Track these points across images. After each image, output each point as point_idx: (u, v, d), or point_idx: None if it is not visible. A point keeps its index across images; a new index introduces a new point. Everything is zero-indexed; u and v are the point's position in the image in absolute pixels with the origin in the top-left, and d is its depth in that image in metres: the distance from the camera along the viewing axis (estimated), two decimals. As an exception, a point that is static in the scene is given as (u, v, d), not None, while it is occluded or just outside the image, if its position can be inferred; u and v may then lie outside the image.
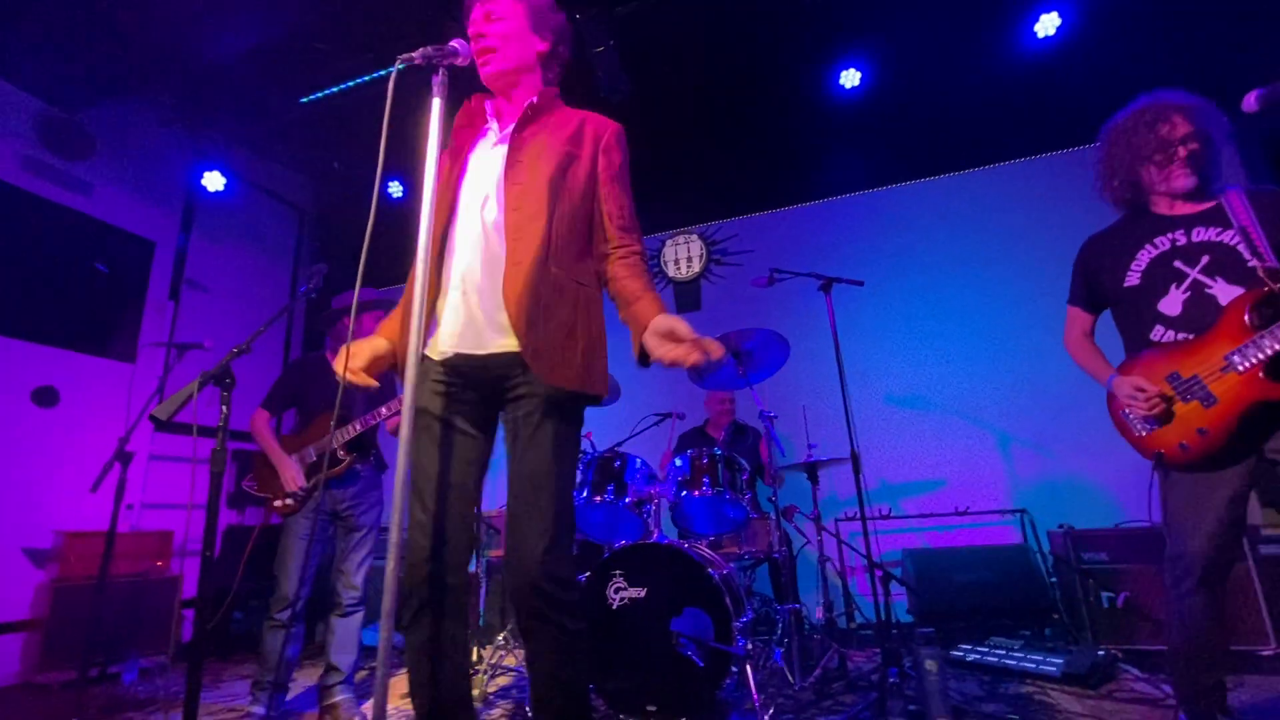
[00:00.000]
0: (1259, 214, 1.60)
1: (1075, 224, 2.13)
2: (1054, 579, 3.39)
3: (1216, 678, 1.64)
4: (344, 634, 2.59)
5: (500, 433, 1.44)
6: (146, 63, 3.89)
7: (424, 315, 1.22)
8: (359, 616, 2.64)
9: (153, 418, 1.46)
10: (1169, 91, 1.77)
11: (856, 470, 2.64)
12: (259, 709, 2.45)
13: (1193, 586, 1.61)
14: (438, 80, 1.32)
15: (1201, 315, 1.63)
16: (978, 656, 2.87)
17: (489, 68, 1.46)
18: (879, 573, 2.64)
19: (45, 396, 3.71)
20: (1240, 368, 1.53)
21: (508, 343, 1.33)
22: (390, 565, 1.14)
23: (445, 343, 1.36)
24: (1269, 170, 3.76)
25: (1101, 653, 2.71)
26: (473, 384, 1.38)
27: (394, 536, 1.14)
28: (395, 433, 1.72)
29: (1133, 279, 1.75)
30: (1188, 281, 1.67)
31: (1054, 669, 2.60)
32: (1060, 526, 3.29)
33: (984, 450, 4.07)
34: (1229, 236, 1.63)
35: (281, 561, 2.54)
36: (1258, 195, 1.65)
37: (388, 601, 1.12)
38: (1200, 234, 1.67)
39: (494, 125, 1.52)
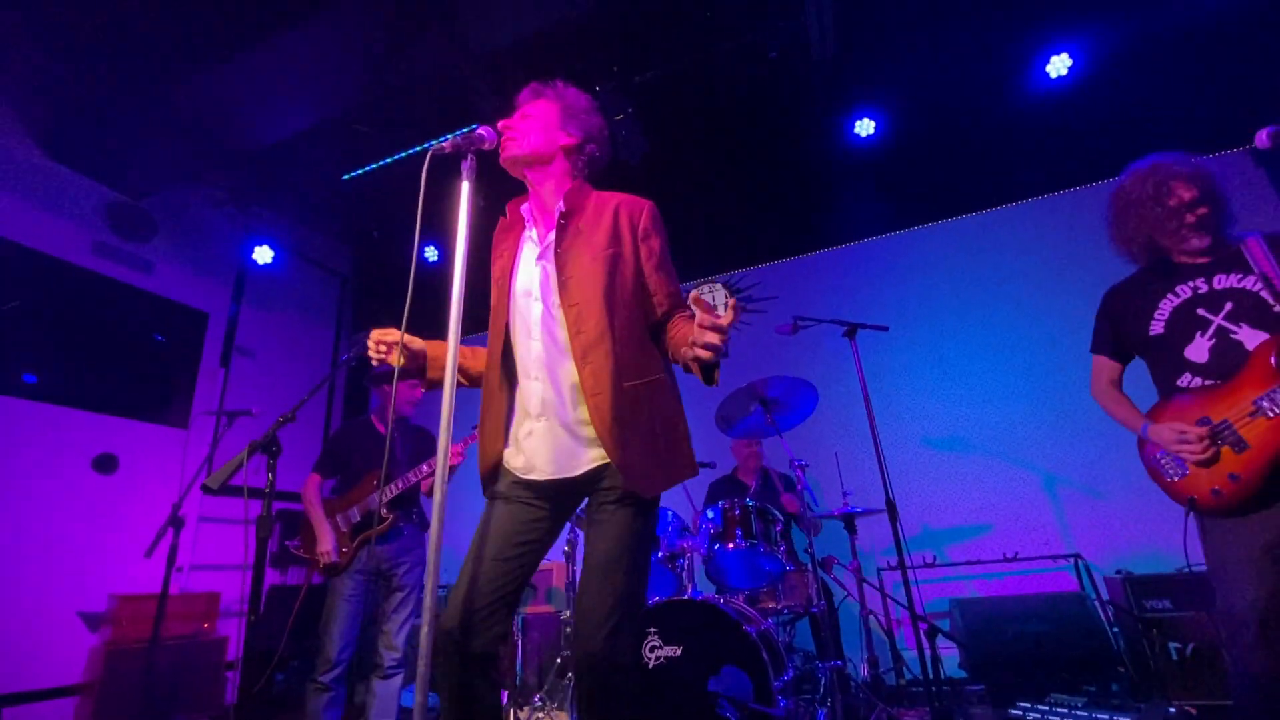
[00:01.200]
0: (1279, 259, 1.61)
1: (1100, 258, 2.12)
2: (1115, 629, 3.20)
3: None
4: (385, 697, 2.60)
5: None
6: (203, 149, 4.23)
7: (453, 386, 1.29)
8: (399, 679, 2.66)
9: (205, 488, 1.55)
10: (1168, 156, 1.81)
11: (893, 519, 2.58)
12: (300, 774, 2.46)
13: (1251, 641, 1.54)
14: (467, 165, 1.43)
15: (1229, 361, 1.63)
16: (1038, 715, 2.70)
17: (506, 152, 1.56)
18: (924, 626, 2.55)
19: (105, 464, 3.91)
20: (1270, 413, 1.52)
21: (596, 455, 1.41)
22: (425, 627, 1.17)
23: (538, 470, 1.43)
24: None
25: (1173, 709, 2.53)
26: (556, 492, 1.45)
27: (428, 600, 1.18)
28: (429, 493, 1.77)
29: (1157, 328, 1.77)
30: (1212, 328, 1.67)
31: (1122, 729, 2.43)
32: (1118, 572, 3.13)
33: (1030, 492, 3.93)
34: (1250, 283, 1.65)
35: (325, 622, 2.58)
36: (1276, 241, 1.66)
37: (422, 667, 1.14)
38: (1221, 281, 1.69)
39: (532, 231, 1.58)
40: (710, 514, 2.81)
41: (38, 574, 3.50)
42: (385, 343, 1.52)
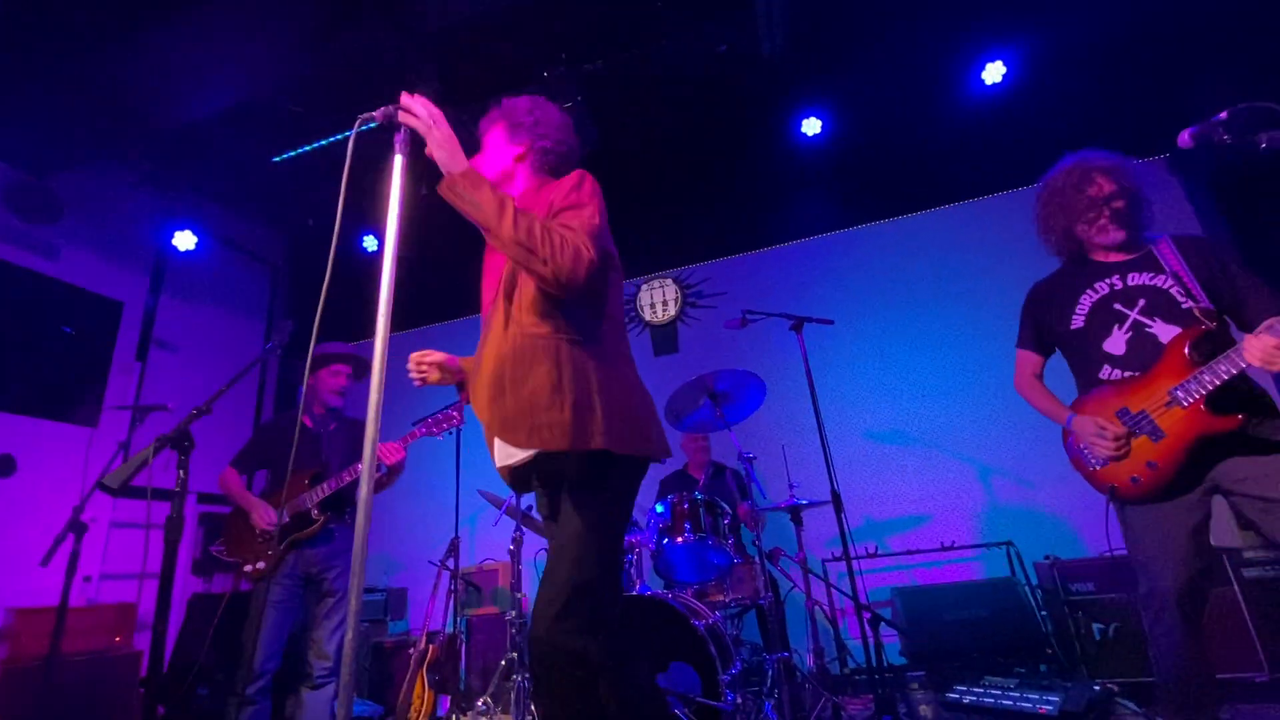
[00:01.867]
0: (1187, 260, 1.72)
1: (1032, 258, 2.20)
2: (1044, 612, 3.35)
3: (1211, 715, 1.61)
4: (315, 708, 2.46)
5: None
6: (118, 126, 3.91)
7: (382, 374, 1.19)
8: (331, 689, 2.51)
9: (104, 486, 1.40)
10: (1093, 152, 1.90)
11: (838, 510, 2.62)
12: (221, 795, 2.29)
13: (1171, 623, 1.63)
14: (400, 138, 1.34)
15: (1144, 353, 1.72)
16: (974, 699, 2.79)
17: None
18: (868, 615, 2.59)
19: (1, 466, 3.57)
20: (1184, 402, 1.61)
21: (520, 452, 1.37)
22: (349, 635, 1.09)
23: (496, 459, 1.45)
24: (1214, 204, 3.94)
25: (1097, 687, 2.66)
26: (518, 482, 1.46)
27: (353, 604, 1.09)
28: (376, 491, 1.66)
29: (1077, 322, 1.86)
30: (1129, 322, 1.77)
31: (1051, 707, 2.53)
32: (1046, 558, 3.27)
33: (966, 483, 4.07)
34: (1161, 281, 1.75)
35: (251, 630, 2.42)
36: (1183, 242, 1.77)
37: (345, 674, 1.06)
38: (1135, 279, 1.79)
39: None
40: (660, 508, 2.78)
41: (-80, 588, 3.16)
42: (426, 363, 1.56)
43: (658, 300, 5.17)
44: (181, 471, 1.53)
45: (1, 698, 3.03)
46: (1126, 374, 1.74)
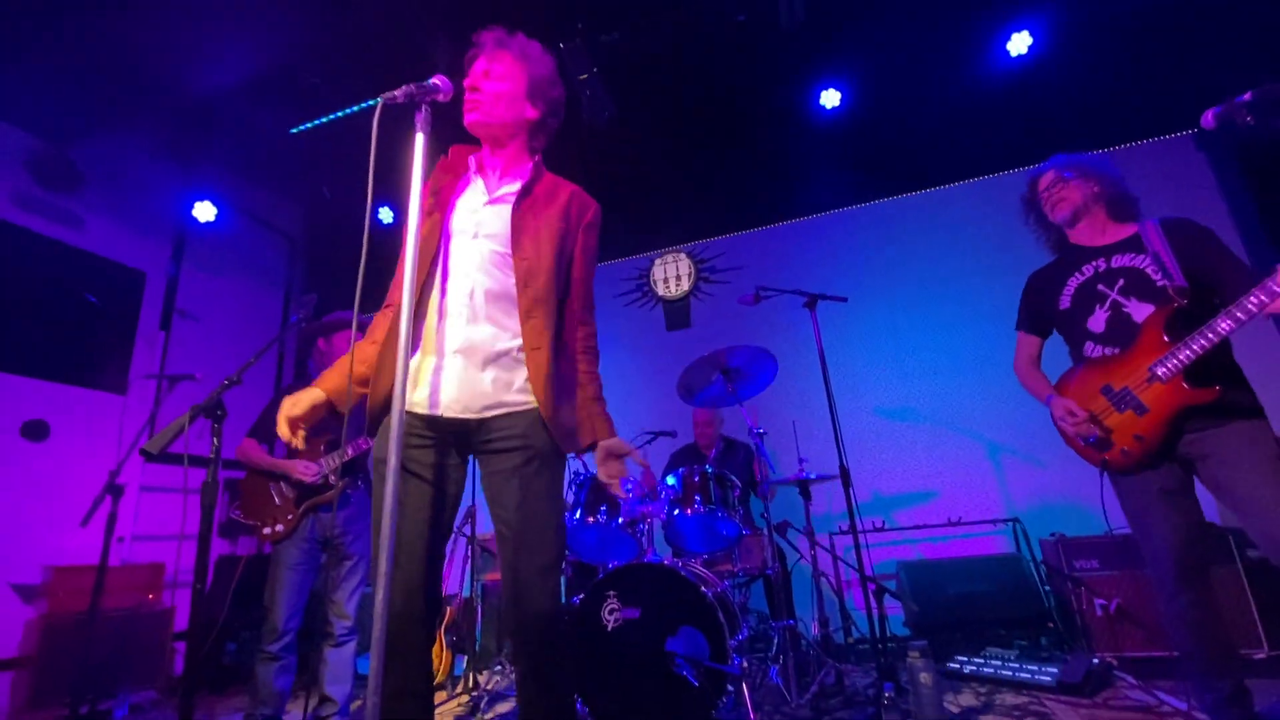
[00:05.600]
0: (1170, 241, 1.79)
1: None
2: (1047, 587, 3.41)
3: (1235, 682, 1.67)
4: (337, 664, 2.57)
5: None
6: (137, 96, 3.93)
7: (406, 365, 1.23)
8: (352, 646, 2.63)
9: (144, 452, 1.47)
10: (1063, 155, 2.12)
11: (847, 485, 2.66)
12: (252, 742, 2.42)
13: (1174, 588, 1.70)
14: (421, 117, 1.36)
15: (1122, 331, 1.82)
16: (974, 668, 2.87)
17: (474, 115, 1.50)
18: (873, 587, 2.66)
19: (35, 430, 3.70)
20: (1164, 378, 1.70)
21: (505, 402, 1.40)
22: (379, 594, 1.15)
23: (442, 406, 1.39)
24: (1241, 182, 3.85)
25: (1096, 661, 2.72)
26: (455, 436, 1.43)
27: (383, 566, 1.16)
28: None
29: (1065, 303, 1.99)
30: (1108, 302, 1.87)
31: (1049, 679, 2.61)
32: (1052, 535, 3.31)
33: (975, 460, 4.10)
34: (1141, 261, 1.84)
35: (271, 591, 2.52)
36: (1169, 224, 1.85)
37: (378, 630, 1.13)
38: (1118, 260, 1.89)
39: (479, 180, 1.55)
40: (671, 480, 2.84)
41: (-37, 546, 3.32)
42: (291, 420, 1.44)
43: (670, 275, 5.17)
44: (216, 439, 1.60)
45: (43, 651, 3.21)
46: (1108, 351, 1.85)
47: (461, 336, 1.40)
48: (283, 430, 1.42)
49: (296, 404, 1.44)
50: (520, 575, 1.35)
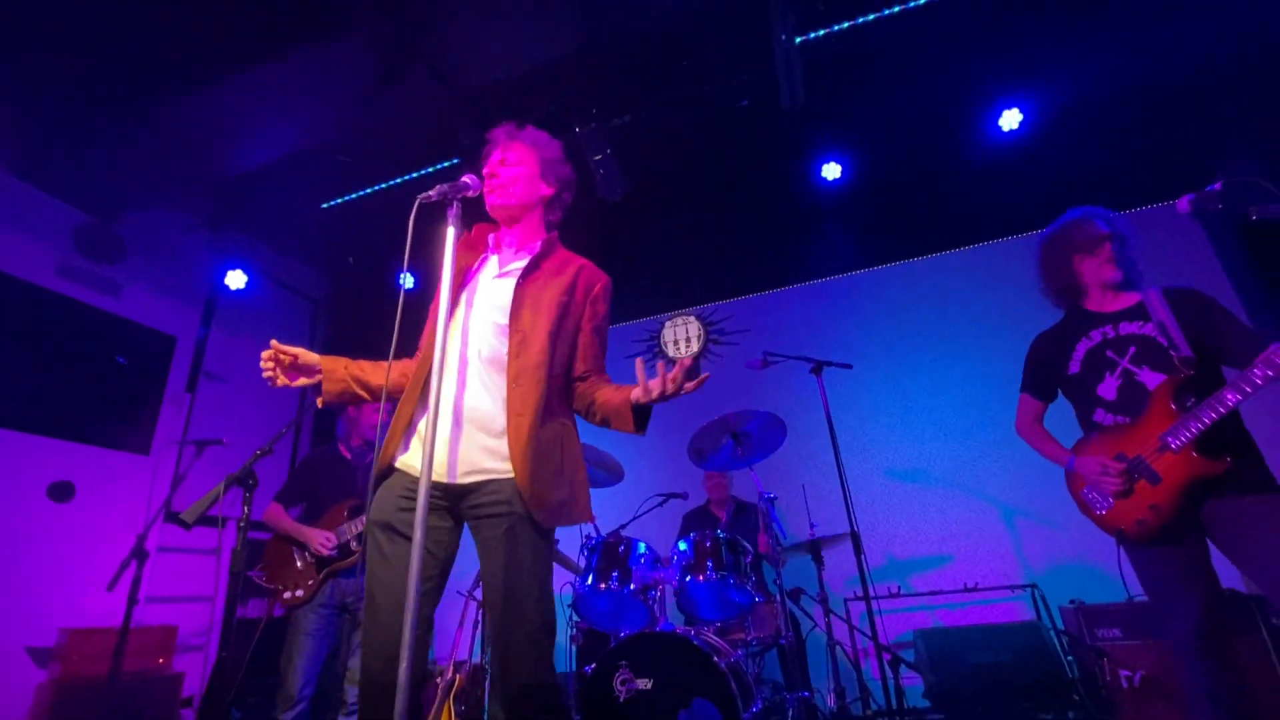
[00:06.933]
0: (1174, 310, 1.83)
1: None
2: (1070, 657, 3.31)
3: None
4: (349, 734, 2.55)
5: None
6: (178, 174, 4.22)
7: (433, 433, 1.31)
8: (364, 714, 2.60)
9: (181, 521, 1.55)
10: (1092, 207, 2.08)
11: (858, 549, 2.67)
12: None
13: (1194, 660, 1.67)
14: (452, 213, 1.50)
15: (1134, 399, 1.83)
16: (998, 744, 2.78)
17: (495, 198, 1.66)
18: (888, 657, 2.62)
19: (61, 491, 3.79)
20: (1175, 448, 1.70)
21: (486, 469, 1.46)
22: (403, 665, 1.19)
23: (436, 471, 1.41)
24: (1238, 247, 3.95)
25: (1124, 737, 2.63)
26: (446, 499, 1.48)
27: (406, 635, 1.20)
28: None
29: (1074, 368, 2.00)
30: (1119, 369, 1.89)
31: (1076, 756, 2.52)
32: (1071, 602, 3.25)
33: (989, 524, 4.06)
34: (1149, 329, 1.85)
35: (288, 657, 2.54)
36: (1172, 293, 1.88)
37: (400, 703, 1.16)
38: (1126, 328, 1.91)
39: (494, 258, 1.71)
40: (683, 545, 2.86)
41: (-16, 607, 3.36)
42: (286, 352, 1.57)
43: (680, 337, 5.20)
44: (246, 508, 1.68)
45: (54, 715, 3.19)
46: (1119, 419, 1.86)
47: (454, 403, 1.49)
48: (268, 353, 1.54)
49: (293, 349, 1.57)
50: (507, 645, 1.37)
